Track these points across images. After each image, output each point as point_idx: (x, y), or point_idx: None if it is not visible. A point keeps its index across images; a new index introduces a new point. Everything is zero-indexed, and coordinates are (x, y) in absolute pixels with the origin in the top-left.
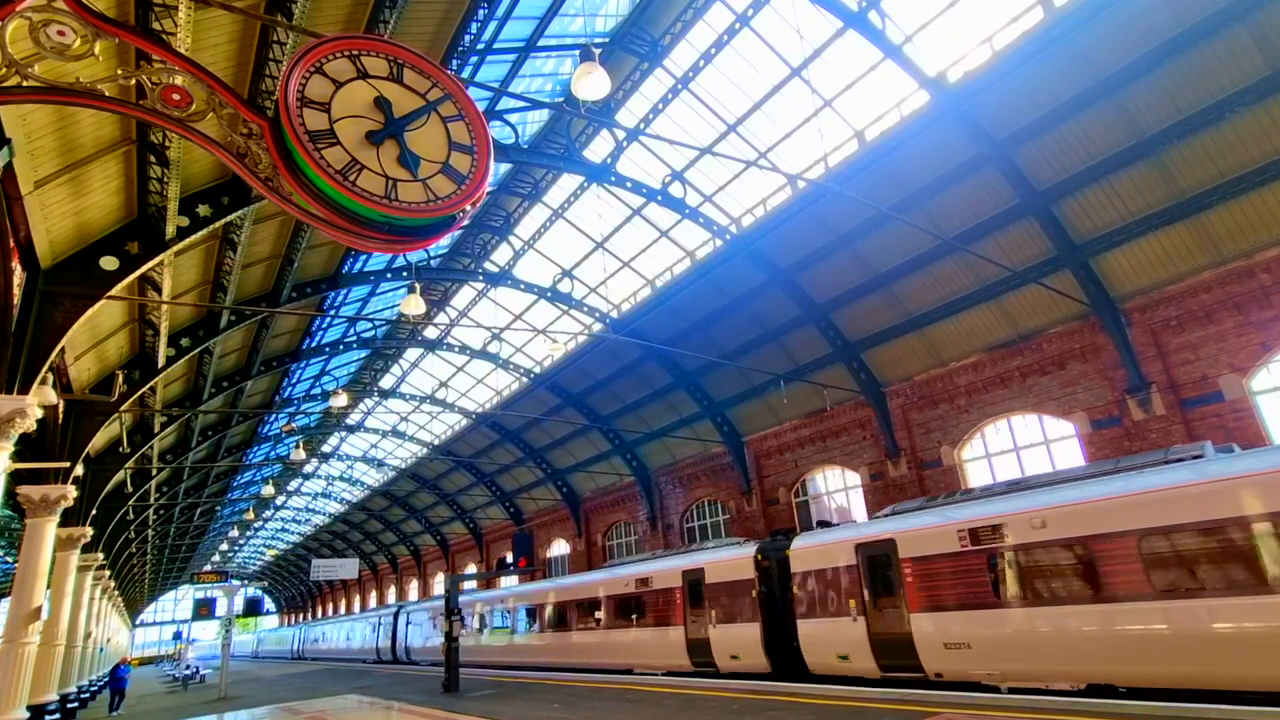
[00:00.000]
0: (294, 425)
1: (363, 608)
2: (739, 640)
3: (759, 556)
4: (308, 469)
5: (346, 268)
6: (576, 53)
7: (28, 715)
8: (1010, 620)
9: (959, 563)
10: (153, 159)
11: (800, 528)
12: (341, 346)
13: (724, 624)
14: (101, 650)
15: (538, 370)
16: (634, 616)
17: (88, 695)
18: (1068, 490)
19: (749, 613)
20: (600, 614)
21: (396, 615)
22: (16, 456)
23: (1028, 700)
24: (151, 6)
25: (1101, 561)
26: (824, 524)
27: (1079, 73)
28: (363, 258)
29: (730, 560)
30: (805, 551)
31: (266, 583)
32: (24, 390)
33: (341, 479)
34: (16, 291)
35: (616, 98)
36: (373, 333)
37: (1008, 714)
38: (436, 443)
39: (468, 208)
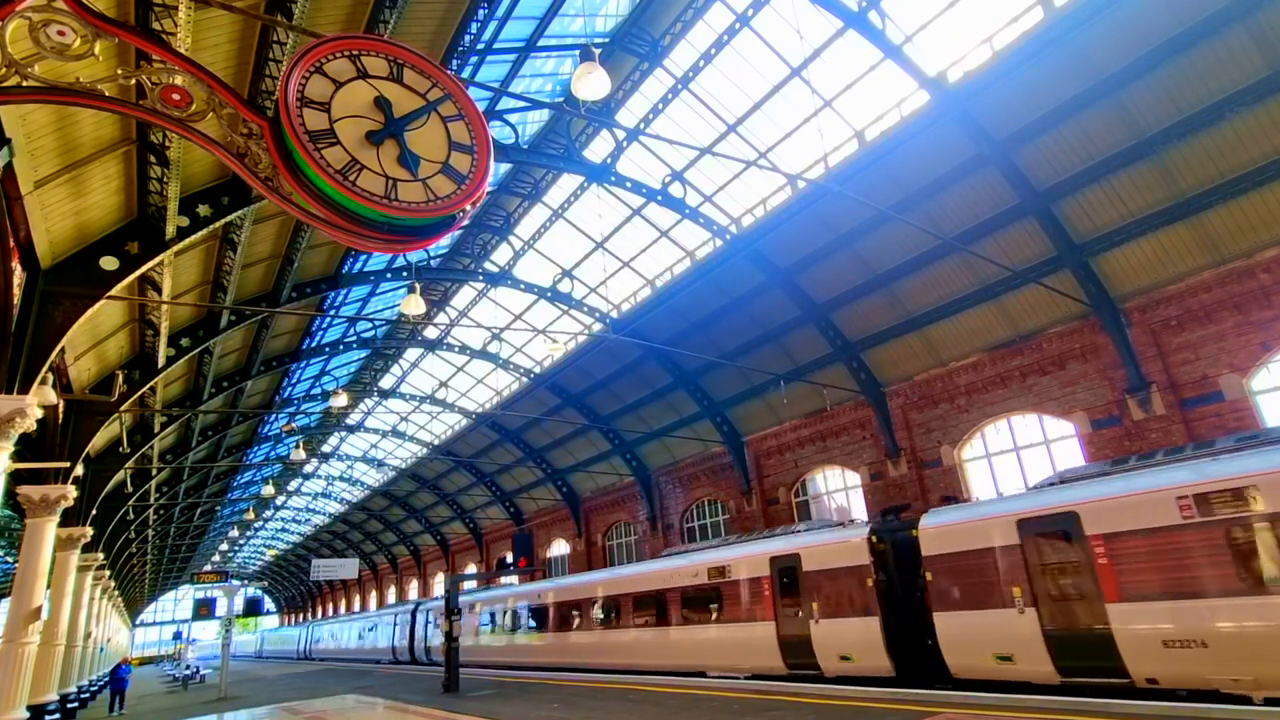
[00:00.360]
0: (294, 425)
1: (363, 608)
2: (851, 638)
3: (874, 539)
4: (308, 469)
5: (346, 268)
6: (576, 53)
7: (28, 715)
8: (1275, 612)
9: (1184, 539)
10: (153, 159)
11: None
12: (341, 346)
13: (829, 619)
14: (101, 650)
15: (538, 370)
16: (708, 612)
17: (88, 695)
18: None
19: (864, 605)
20: (665, 609)
21: (415, 612)
22: (16, 456)
23: (1028, 700)
24: (151, 6)
25: None
26: (949, 499)
27: (1079, 73)
28: (363, 258)
29: (836, 544)
30: (943, 531)
31: (266, 583)
32: (24, 390)
33: (341, 479)
34: (16, 291)
35: (616, 98)
36: (373, 333)
37: (1008, 714)
38: (436, 443)
39: (468, 207)
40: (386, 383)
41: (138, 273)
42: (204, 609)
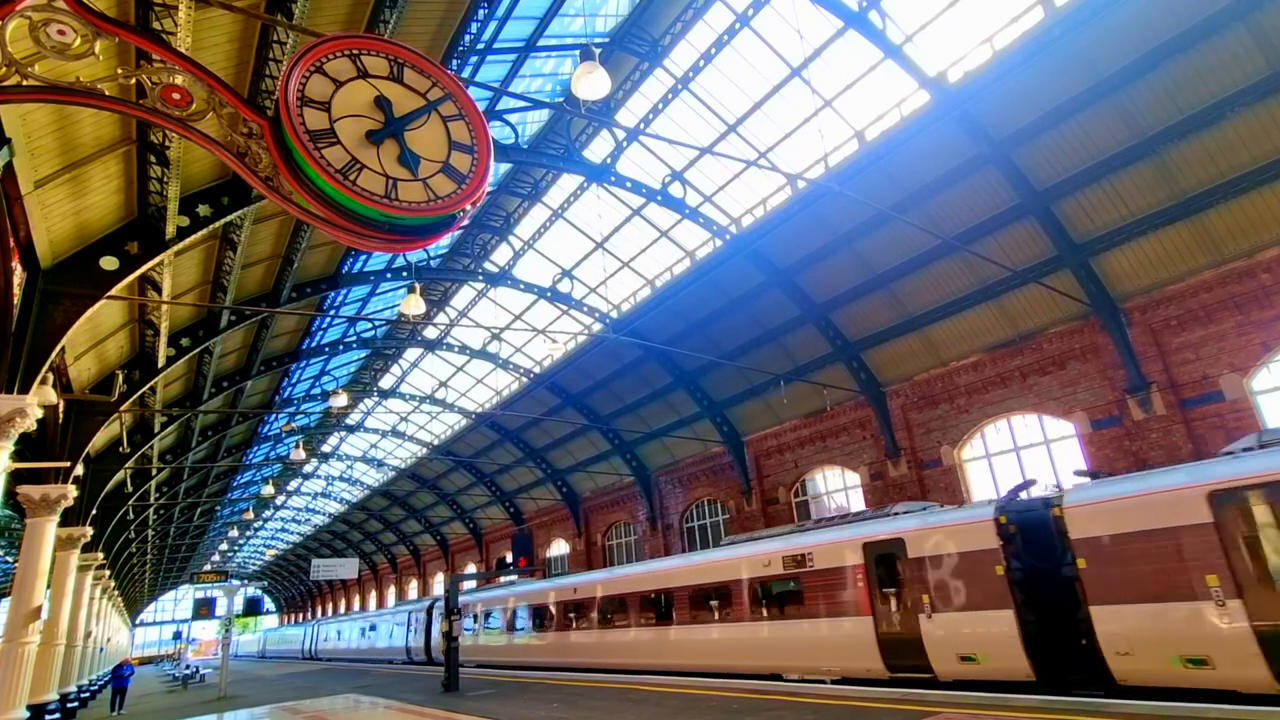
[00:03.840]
0: (294, 425)
1: (363, 607)
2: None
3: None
4: (307, 469)
5: (346, 268)
6: (576, 53)
7: (28, 715)
8: None
9: None
10: (153, 159)
11: None
12: (341, 346)
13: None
14: (101, 650)
15: (538, 370)
16: None
17: (88, 695)
18: None
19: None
20: None
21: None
22: (16, 456)
23: (1028, 700)
24: (151, 6)
25: None
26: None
27: (1079, 73)
28: (363, 258)
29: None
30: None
31: (266, 582)
32: (24, 390)
33: (341, 479)
34: (16, 291)
35: (616, 98)
36: (373, 333)
37: (1008, 714)
38: (436, 443)
39: (468, 207)
40: (386, 383)
41: (138, 273)
42: (204, 609)
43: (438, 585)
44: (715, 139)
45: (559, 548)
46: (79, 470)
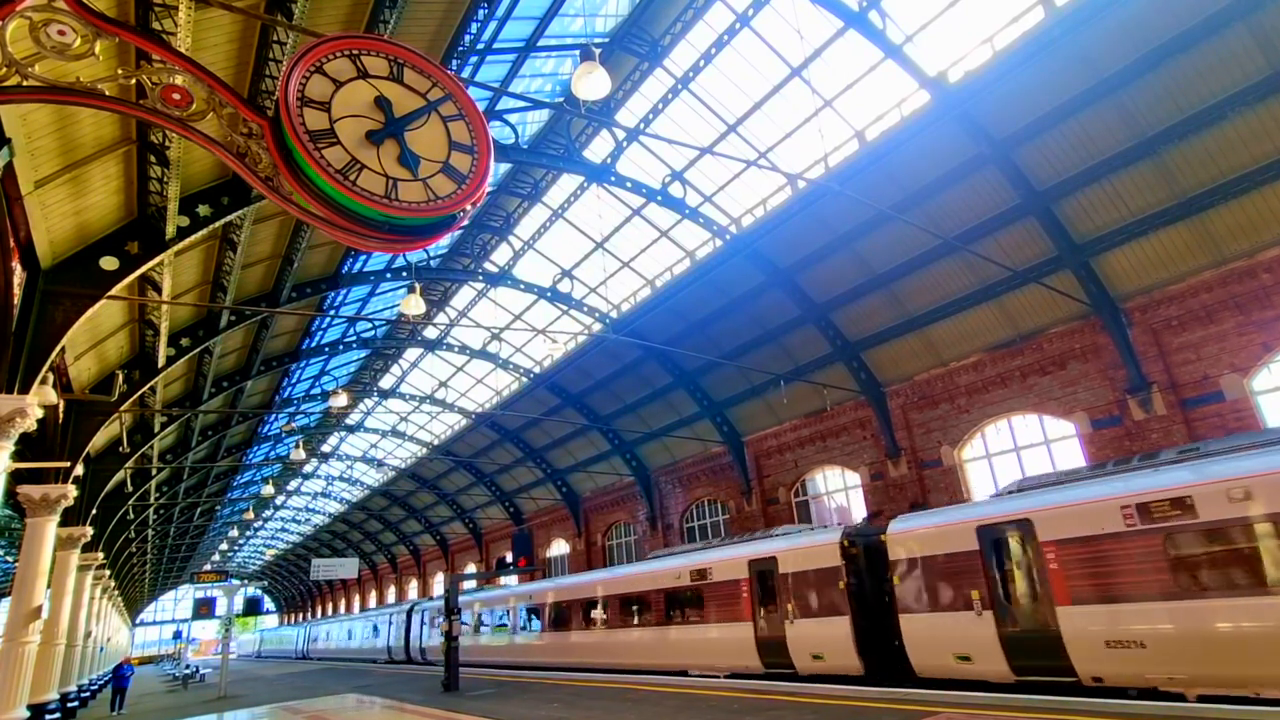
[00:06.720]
0: (294, 425)
1: (363, 607)
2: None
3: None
4: (307, 469)
5: (346, 268)
6: (576, 53)
7: (28, 714)
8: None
9: (1126, 546)
10: (153, 159)
11: None
12: (341, 346)
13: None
14: (101, 650)
15: (537, 370)
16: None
17: (88, 695)
18: None
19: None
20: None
21: None
22: (17, 456)
23: (1028, 700)
24: (151, 6)
25: None
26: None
27: (1080, 73)
28: (362, 258)
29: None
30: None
31: (266, 582)
32: (24, 390)
33: (341, 479)
34: (17, 291)
35: (616, 98)
36: (372, 333)
37: (1008, 714)
38: (436, 443)
39: (468, 207)
40: (386, 383)
41: (138, 273)
42: (204, 608)
43: (438, 585)
44: (715, 139)
45: (559, 548)
46: (79, 470)
